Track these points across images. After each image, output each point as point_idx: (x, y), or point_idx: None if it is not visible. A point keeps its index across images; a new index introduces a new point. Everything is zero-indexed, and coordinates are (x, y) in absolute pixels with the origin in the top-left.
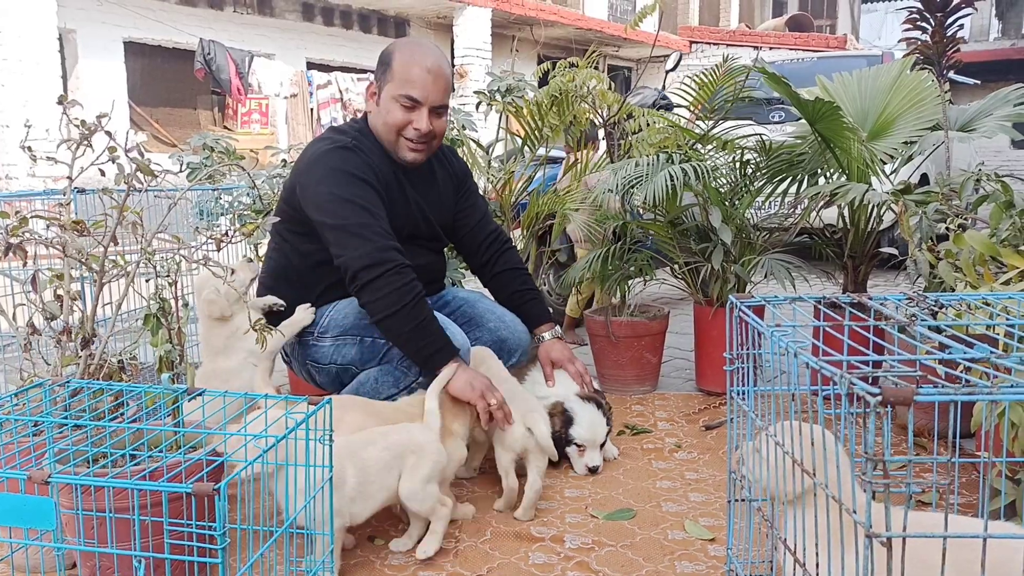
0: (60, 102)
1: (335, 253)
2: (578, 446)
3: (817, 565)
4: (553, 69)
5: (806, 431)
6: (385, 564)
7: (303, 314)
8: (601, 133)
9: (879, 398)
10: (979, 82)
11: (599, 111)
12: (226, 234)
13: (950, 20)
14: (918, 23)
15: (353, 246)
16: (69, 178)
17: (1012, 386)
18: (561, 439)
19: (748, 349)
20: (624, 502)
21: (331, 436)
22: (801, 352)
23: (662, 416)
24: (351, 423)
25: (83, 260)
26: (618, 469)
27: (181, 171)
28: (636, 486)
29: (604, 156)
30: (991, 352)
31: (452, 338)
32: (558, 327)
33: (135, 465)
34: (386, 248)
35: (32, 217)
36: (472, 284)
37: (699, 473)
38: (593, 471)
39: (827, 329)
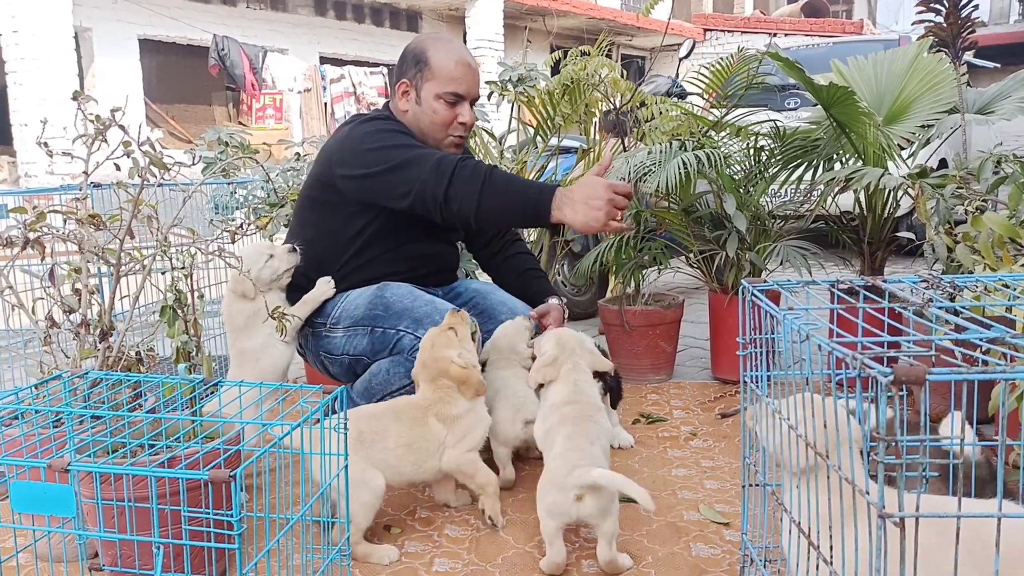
0: (75, 98)
1: (399, 193)
2: None
3: (830, 547)
4: (565, 58)
5: (818, 407)
6: (402, 552)
7: (324, 287)
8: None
9: (891, 378)
10: (999, 65)
11: (611, 99)
12: (241, 227)
13: (964, 1)
14: (932, 5)
15: (414, 176)
16: (85, 172)
17: None
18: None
19: (761, 334)
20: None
21: (346, 424)
22: (814, 335)
23: (678, 404)
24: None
25: (99, 254)
26: (634, 457)
27: (194, 164)
28: (652, 474)
29: (618, 144)
30: (1008, 333)
31: (514, 312)
32: (564, 300)
33: (153, 454)
34: (442, 156)
35: (49, 212)
36: (485, 277)
37: (715, 461)
38: None
39: (841, 313)
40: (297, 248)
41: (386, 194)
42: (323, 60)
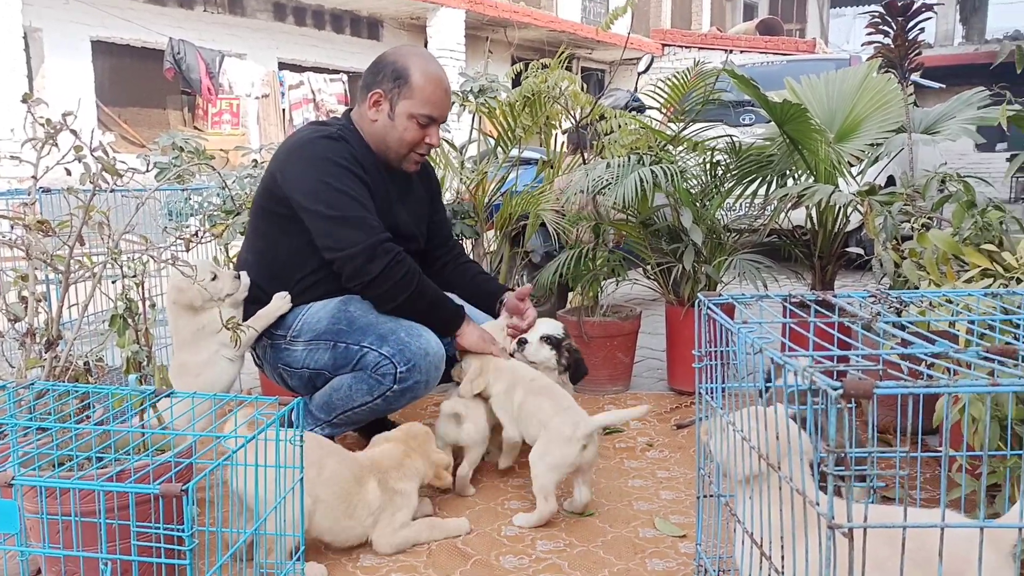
0: (25, 100)
1: (328, 244)
2: None
3: (782, 558)
4: (526, 70)
5: (769, 417)
6: (358, 566)
7: (280, 302)
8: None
9: (840, 391)
10: (944, 86)
11: (572, 112)
12: (196, 234)
13: (911, 24)
14: (880, 27)
15: (351, 240)
16: (34, 177)
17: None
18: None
19: (717, 346)
20: (596, 501)
21: (301, 436)
22: (767, 348)
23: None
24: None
25: (48, 261)
26: (590, 469)
27: (148, 170)
28: (608, 485)
29: (577, 158)
30: (951, 348)
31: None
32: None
33: (101, 468)
34: (384, 240)
35: None
36: None
37: (670, 472)
38: None
39: (793, 327)
40: (242, 276)
41: (315, 233)
42: (282, 66)
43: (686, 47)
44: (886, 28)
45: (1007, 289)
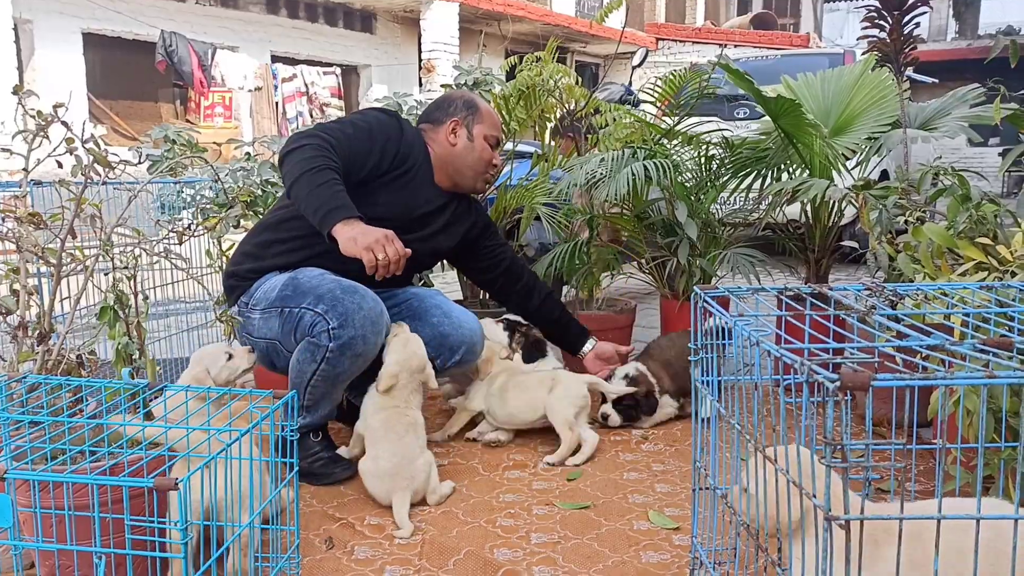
0: (15, 92)
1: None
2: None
3: (779, 550)
4: (520, 64)
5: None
6: (352, 559)
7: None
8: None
9: (838, 383)
10: (937, 80)
11: (566, 106)
12: (188, 228)
13: (907, 19)
14: (876, 21)
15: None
16: (25, 170)
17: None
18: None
19: (712, 340)
20: (591, 494)
21: (295, 430)
22: (763, 341)
23: None
24: None
25: (39, 254)
26: (586, 461)
27: (140, 163)
28: (603, 478)
29: (572, 150)
30: (946, 340)
31: (461, 323)
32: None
33: (94, 461)
34: (301, 134)
35: None
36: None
37: (665, 464)
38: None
39: (789, 319)
40: (255, 349)
41: None
42: (275, 59)
43: (680, 41)
44: (881, 23)
45: (1001, 282)
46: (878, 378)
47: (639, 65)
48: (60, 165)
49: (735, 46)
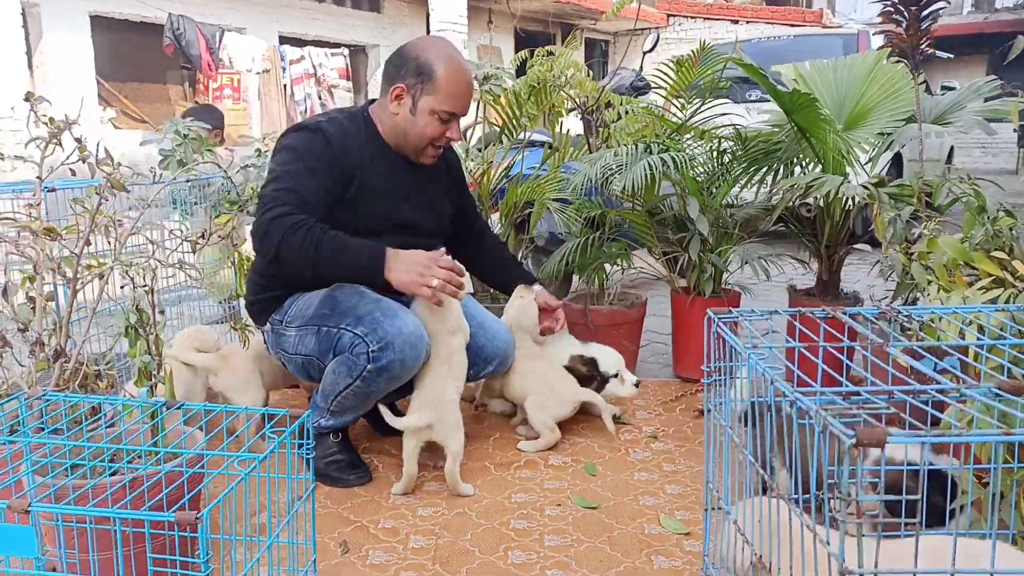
0: (27, 99)
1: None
2: (613, 376)
3: None
4: (531, 57)
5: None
6: (367, 564)
7: None
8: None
9: (853, 440)
10: (952, 56)
11: (577, 100)
12: (203, 235)
13: (924, 13)
14: (893, 16)
15: (262, 206)
16: (39, 178)
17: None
18: (595, 378)
19: (725, 362)
20: (602, 495)
21: (311, 447)
22: (777, 380)
23: (639, 404)
24: None
25: (55, 268)
26: (596, 460)
27: (155, 181)
28: (615, 478)
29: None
30: (962, 389)
31: (495, 335)
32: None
33: (112, 473)
34: (277, 216)
35: (1, 220)
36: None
37: (676, 464)
38: (637, 385)
39: (803, 351)
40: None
41: None
42: (282, 40)
43: (692, 17)
44: (898, 17)
45: (1017, 305)
46: (893, 434)
47: (651, 50)
48: (73, 173)
49: (747, 22)
